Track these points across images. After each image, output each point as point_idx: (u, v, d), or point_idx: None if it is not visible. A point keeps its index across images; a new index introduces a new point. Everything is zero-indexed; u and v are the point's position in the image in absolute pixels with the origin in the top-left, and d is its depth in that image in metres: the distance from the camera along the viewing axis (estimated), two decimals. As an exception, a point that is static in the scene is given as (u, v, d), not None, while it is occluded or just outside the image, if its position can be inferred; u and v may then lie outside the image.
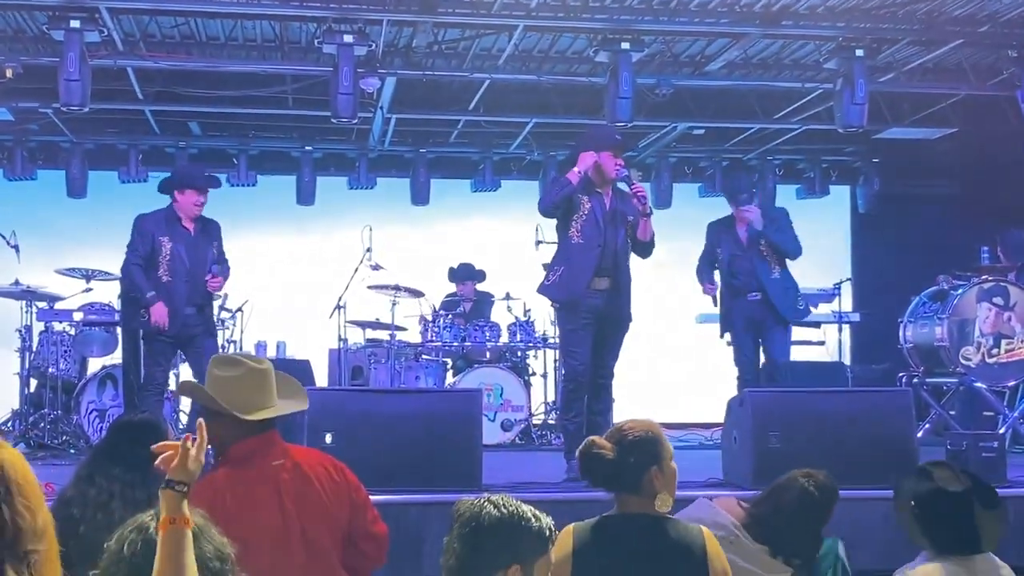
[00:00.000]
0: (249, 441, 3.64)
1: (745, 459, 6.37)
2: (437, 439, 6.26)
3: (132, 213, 12.20)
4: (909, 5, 8.84)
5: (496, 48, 9.90)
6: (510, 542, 2.81)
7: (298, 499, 3.58)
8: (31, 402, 9.31)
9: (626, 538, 3.26)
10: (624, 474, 3.44)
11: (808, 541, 3.88)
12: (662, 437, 3.55)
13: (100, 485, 3.93)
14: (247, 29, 9.79)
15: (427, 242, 12.33)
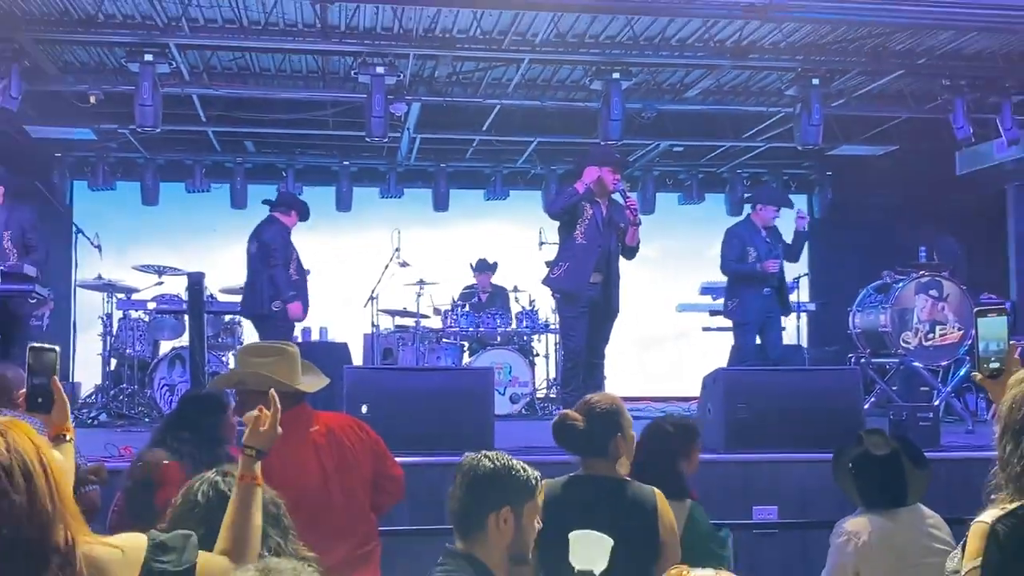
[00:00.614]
0: (288, 413, 3.68)
1: (718, 427, 6.39)
2: (455, 410, 6.31)
3: (197, 218, 12.36)
4: (858, 40, 8.85)
5: (505, 78, 9.92)
6: (501, 488, 2.85)
7: (333, 456, 3.64)
8: (111, 378, 9.36)
9: (591, 495, 3.27)
10: (591, 441, 3.47)
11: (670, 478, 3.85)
12: (624, 410, 3.58)
13: (171, 447, 3.97)
14: (294, 62, 9.83)
15: (446, 243, 12.34)
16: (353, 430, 3.79)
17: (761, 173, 12.91)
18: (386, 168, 12.52)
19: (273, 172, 12.46)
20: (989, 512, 2.30)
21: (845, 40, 8.84)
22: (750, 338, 8.16)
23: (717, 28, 8.62)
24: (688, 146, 12.00)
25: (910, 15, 7.77)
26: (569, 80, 10.12)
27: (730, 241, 8.27)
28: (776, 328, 8.17)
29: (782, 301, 8.20)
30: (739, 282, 8.19)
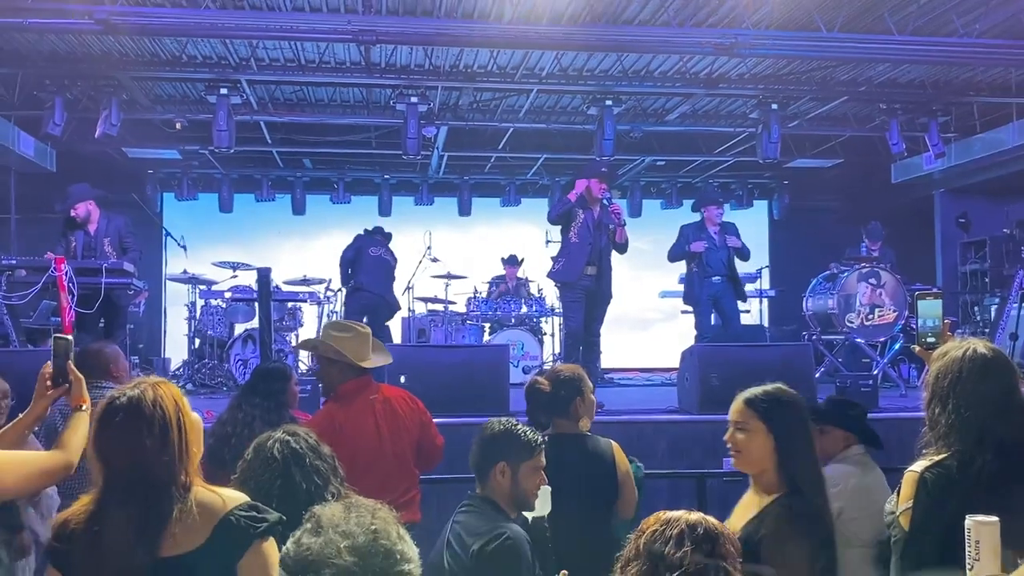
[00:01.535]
0: (354, 382, 3.70)
1: (694, 393, 6.39)
2: (477, 379, 6.33)
3: (264, 223, 12.39)
4: (808, 72, 8.82)
5: (517, 105, 9.91)
6: (503, 446, 2.88)
7: (387, 421, 3.65)
8: (196, 354, 9.41)
9: (559, 450, 3.27)
10: (556, 403, 3.48)
11: None
12: (585, 377, 3.60)
13: (245, 411, 4.00)
14: (343, 93, 9.85)
15: (469, 242, 12.34)
16: (406, 402, 3.79)
17: (729, 182, 12.86)
18: (419, 180, 12.53)
19: (326, 184, 12.48)
20: (919, 463, 2.29)
21: (798, 72, 8.82)
22: (705, 319, 8.12)
23: (692, 63, 8.60)
24: (669, 160, 11.96)
25: (851, 51, 7.71)
26: (570, 107, 10.11)
27: (679, 236, 8.26)
28: (732, 310, 8.13)
29: (737, 289, 8.14)
30: (691, 272, 8.16)
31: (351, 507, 1.45)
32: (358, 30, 7.12)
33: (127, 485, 1.97)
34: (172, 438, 2.00)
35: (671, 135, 11.05)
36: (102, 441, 2.01)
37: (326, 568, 1.32)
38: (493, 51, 8.20)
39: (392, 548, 1.38)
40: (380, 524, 1.41)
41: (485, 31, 7.29)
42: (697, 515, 1.74)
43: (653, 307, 12.07)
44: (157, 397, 2.02)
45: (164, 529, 1.93)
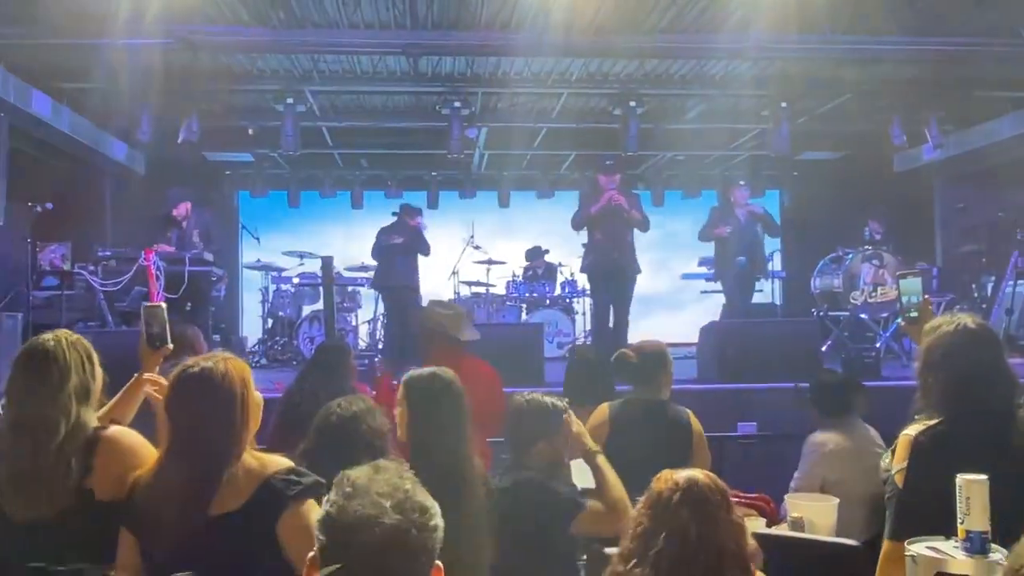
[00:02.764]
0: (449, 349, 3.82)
1: (712, 364, 6.36)
2: (516, 354, 6.35)
3: (327, 216, 12.50)
4: (815, 72, 8.64)
5: (550, 107, 9.86)
6: (543, 423, 2.86)
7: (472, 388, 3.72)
8: (268, 333, 9.56)
9: (642, 413, 3.29)
10: (643, 372, 3.49)
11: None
12: (667, 352, 3.64)
13: (310, 382, 4.07)
14: (394, 100, 9.87)
15: (509, 231, 12.35)
16: (485, 372, 3.88)
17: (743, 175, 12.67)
18: (463, 176, 12.53)
19: (381, 181, 12.53)
20: (913, 427, 2.29)
21: (806, 73, 8.64)
22: (734, 295, 8.08)
23: (708, 66, 8.48)
24: (688, 155, 11.82)
25: (855, 52, 7.56)
26: (597, 107, 10.03)
27: (708, 217, 8.19)
28: (749, 289, 8.08)
29: (761, 269, 8.09)
30: (719, 253, 8.11)
31: (379, 469, 1.43)
32: (407, 44, 7.15)
33: (189, 447, 1.98)
34: (235, 409, 2.01)
35: (690, 131, 10.90)
36: (173, 403, 2.03)
37: (376, 527, 1.30)
38: (528, 59, 8.17)
39: (424, 504, 1.37)
40: (409, 483, 1.40)
41: (521, 42, 7.26)
42: (694, 471, 1.78)
43: (676, 288, 11.97)
44: (227, 371, 2.03)
45: (214, 489, 1.94)
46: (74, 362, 2.16)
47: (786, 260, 11.55)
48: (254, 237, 9.89)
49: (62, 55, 7.25)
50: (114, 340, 5.65)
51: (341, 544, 1.32)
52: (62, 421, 2.08)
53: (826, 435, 3.54)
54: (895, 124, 9.08)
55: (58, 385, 2.12)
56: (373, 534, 1.30)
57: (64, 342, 2.19)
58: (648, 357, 3.53)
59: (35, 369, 2.14)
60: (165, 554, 1.93)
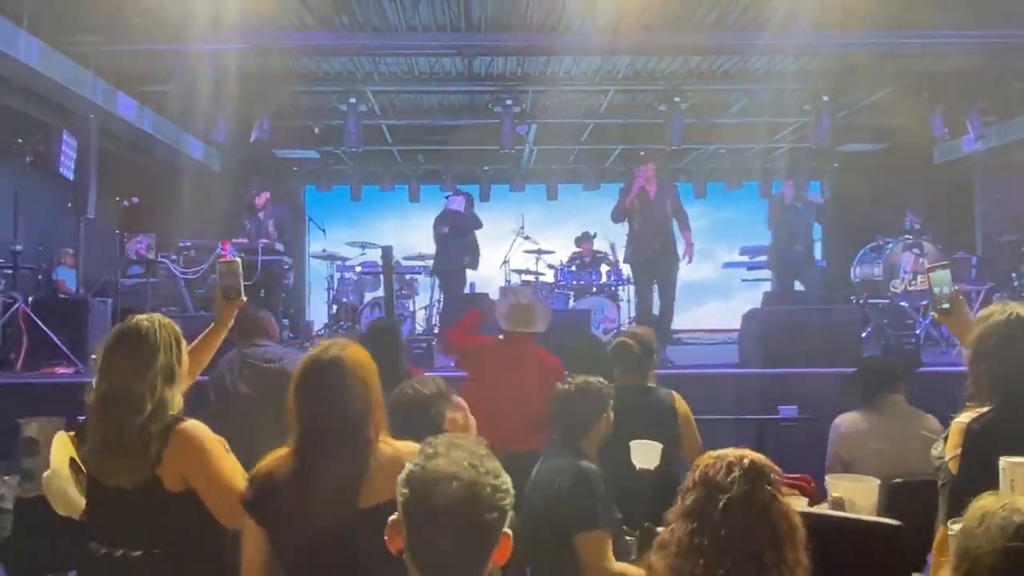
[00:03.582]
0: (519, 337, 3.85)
1: (755, 349, 6.24)
2: (564, 339, 6.28)
3: (387, 209, 12.62)
4: (857, 67, 8.38)
5: (597, 103, 9.79)
6: (604, 403, 2.81)
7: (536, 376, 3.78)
8: (333, 318, 9.67)
9: (630, 398, 3.25)
10: (635, 360, 3.45)
11: None
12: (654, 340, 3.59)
13: None
14: (449, 98, 9.91)
15: (557, 221, 12.31)
16: (553, 366, 3.91)
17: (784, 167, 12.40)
18: (513, 170, 12.53)
19: (436, 175, 12.61)
20: (966, 414, 2.23)
21: (847, 67, 8.40)
22: (788, 283, 7.95)
23: (752, 61, 8.31)
24: (730, 148, 11.61)
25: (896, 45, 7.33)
26: (642, 103, 9.92)
27: (769, 206, 8.04)
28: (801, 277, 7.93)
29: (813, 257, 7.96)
30: (777, 241, 7.98)
31: (456, 438, 1.48)
32: (462, 45, 7.17)
33: (328, 439, 1.86)
34: (370, 395, 1.92)
35: (733, 125, 10.70)
36: (306, 394, 1.90)
37: (454, 481, 1.35)
38: (576, 57, 8.11)
39: (498, 469, 1.42)
40: (484, 451, 1.44)
41: (570, 42, 7.21)
42: (743, 450, 1.72)
43: (719, 276, 11.79)
44: (357, 357, 1.95)
45: (363, 481, 1.83)
46: (163, 343, 2.14)
47: (826, 249, 11.28)
48: (320, 229, 10.02)
49: (145, 60, 7.43)
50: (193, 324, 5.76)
51: (421, 497, 1.36)
52: (148, 398, 2.07)
53: (844, 416, 3.45)
54: (936, 116, 8.77)
55: (147, 363, 2.10)
56: (450, 488, 1.34)
57: (156, 324, 2.18)
58: (644, 345, 3.48)
59: (127, 346, 2.13)
60: (307, 551, 1.83)
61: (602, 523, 2.46)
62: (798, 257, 7.77)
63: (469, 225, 8.83)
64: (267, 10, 6.53)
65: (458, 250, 8.69)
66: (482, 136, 10.68)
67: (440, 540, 1.34)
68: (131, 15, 6.51)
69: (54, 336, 6.01)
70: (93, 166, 7.09)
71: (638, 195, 6.83)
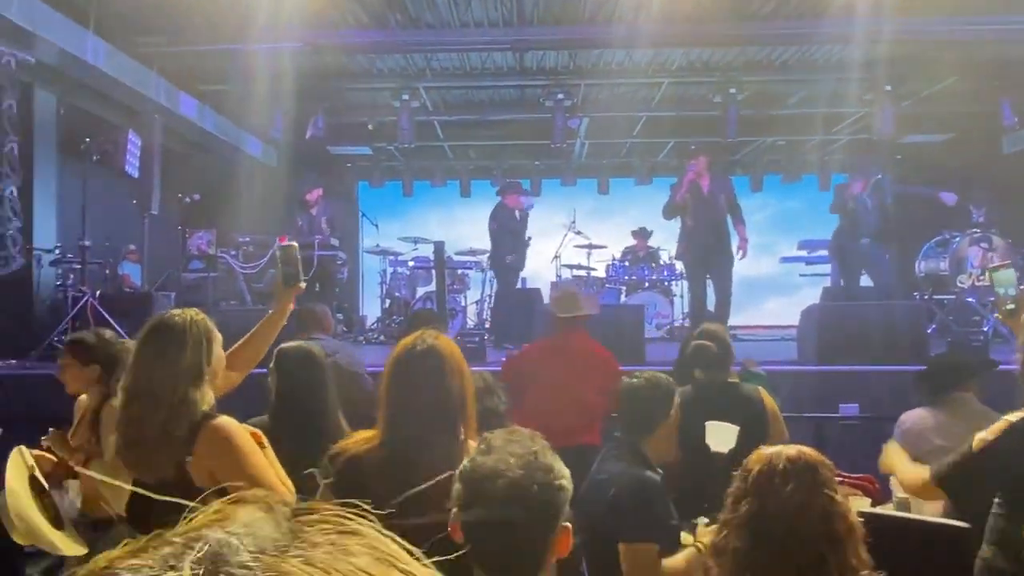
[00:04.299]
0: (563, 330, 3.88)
1: (813, 346, 6.11)
2: (617, 333, 6.26)
3: (438, 204, 12.71)
4: (921, 55, 8.12)
5: (651, 96, 9.68)
6: (670, 402, 2.76)
7: (586, 366, 3.77)
8: (386, 312, 9.80)
9: (716, 394, 3.22)
10: (716, 358, 3.41)
11: None
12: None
13: None
14: (500, 93, 9.93)
15: (608, 216, 12.23)
16: (597, 353, 3.91)
17: (844, 159, 12.08)
18: (565, 165, 12.47)
19: (487, 171, 12.63)
20: (1016, 413, 2.21)
21: (911, 56, 8.13)
22: (852, 278, 7.72)
23: (812, 51, 8.12)
24: (788, 140, 11.36)
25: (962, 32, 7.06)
26: (696, 95, 9.77)
27: (834, 193, 7.79)
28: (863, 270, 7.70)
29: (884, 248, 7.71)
30: (842, 233, 7.74)
31: (514, 433, 1.48)
32: (514, 40, 7.16)
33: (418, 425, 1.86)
34: (465, 386, 1.91)
35: (789, 117, 10.47)
36: (401, 380, 1.90)
37: (500, 479, 1.36)
38: (628, 50, 8.03)
39: (551, 465, 1.42)
40: (539, 447, 1.44)
41: (624, 34, 7.14)
42: (795, 449, 1.67)
43: (777, 271, 11.57)
44: (451, 348, 1.93)
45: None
46: (192, 340, 2.07)
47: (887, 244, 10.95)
48: (373, 224, 10.16)
49: (205, 60, 7.64)
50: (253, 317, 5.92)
51: (472, 493, 1.39)
52: (169, 395, 2.01)
53: (911, 413, 3.35)
54: (1004, 105, 8.43)
55: (173, 360, 2.04)
56: (497, 485, 1.36)
57: (187, 320, 2.11)
58: (721, 342, 3.46)
59: (154, 342, 2.08)
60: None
61: (655, 537, 2.41)
62: (864, 251, 7.55)
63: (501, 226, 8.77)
64: (322, 9, 6.64)
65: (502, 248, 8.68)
66: (533, 131, 10.67)
67: (490, 536, 1.37)
68: (192, 16, 6.69)
69: (120, 329, 6.22)
70: (157, 164, 7.31)
71: (690, 189, 6.72)
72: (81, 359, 3.04)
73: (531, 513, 1.36)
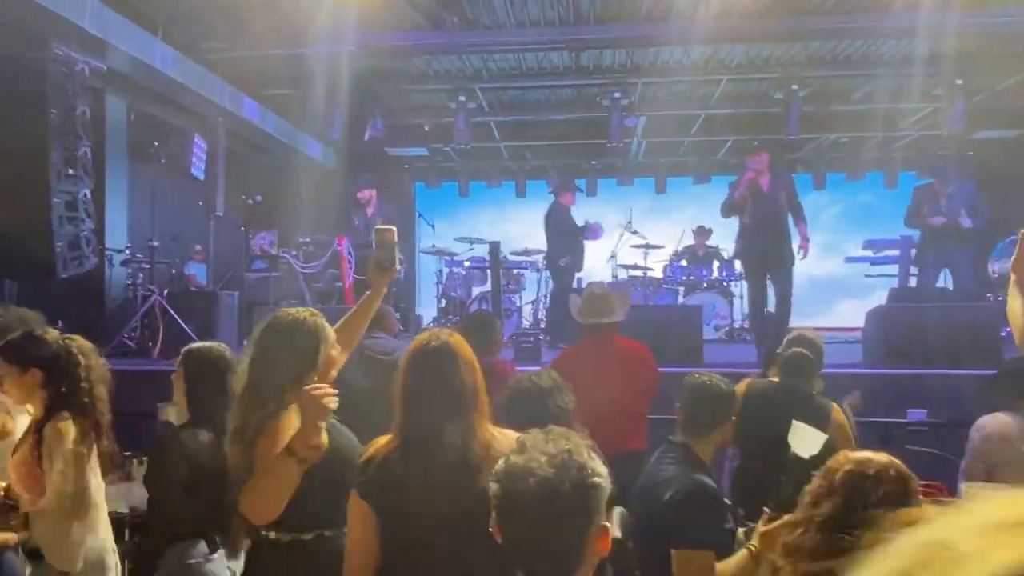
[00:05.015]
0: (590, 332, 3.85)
1: (879, 349, 5.92)
2: (675, 334, 6.20)
3: (494, 205, 12.73)
4: (993, 48, 7.79)
5: (709, 93, 9.53)
6: (731, 407, 2.73)
7: (621, 365, 3.73)
8: (442, 312, 9.86)
9: (786, 398, 3.16)
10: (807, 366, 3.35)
11: None
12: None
13: None
14: (556, 93, 9.90)
15: (665, 215, 12.09)
16: (636, 352, 3.87)
17: (911, 156, 11.68)
18: (621, 164, 12.40)
19: (543, 171, 12.62)
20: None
21: (984, 48, 7.82)
22: (930, 280, 7.42)
23: (878, 45, 7.87)
24: (852, 136, 11.04)
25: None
26: (757, 92, 9.58)
27: (912, 199, 7.46)
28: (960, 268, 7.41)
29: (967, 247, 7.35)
30: (924, 236, 7.45)
31: (549, 432, 1.48)
32: (571, 39, 7.14)
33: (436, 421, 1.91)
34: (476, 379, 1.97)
35: (854, 112, 10.18)
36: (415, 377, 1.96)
37: (531, 478, 1.37)
38: (687, 47, 7.92)
39: (585, 463, 1.41)
40: (573, 446, 1.43)
41: (683, 31, 7.05)
42: (886, 456, 1.64)
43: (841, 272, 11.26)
44: (462, 343, 2.00)
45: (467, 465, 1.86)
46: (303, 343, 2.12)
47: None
48: (429, 224, 10.25)
49: (266, 65, 7.82)
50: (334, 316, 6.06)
51: (505, 493, 1.39)
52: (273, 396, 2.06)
53: (991, 417, 3.21)
54: (1087, 97, 8.04)
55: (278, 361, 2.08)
56: (528, 484, 1.37)
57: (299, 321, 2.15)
58: (817, 352, 3.40)
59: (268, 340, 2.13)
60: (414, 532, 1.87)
61: (711, 543, 2.37)
62: (944, 248, 7.26)
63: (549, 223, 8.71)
64: (380, 13, 6.74)
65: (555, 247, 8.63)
66: (589, 130, 10.62)
67: (524, 536, 1.38)
68: (254, 22, 6.86)
69: (187, 327, 6.42)
70: (221, 167, 7.52)
71: (749, 187, 6.56)
72: (18, 364, 2.73)
73: (564, 512, 1.36)
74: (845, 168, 12.11)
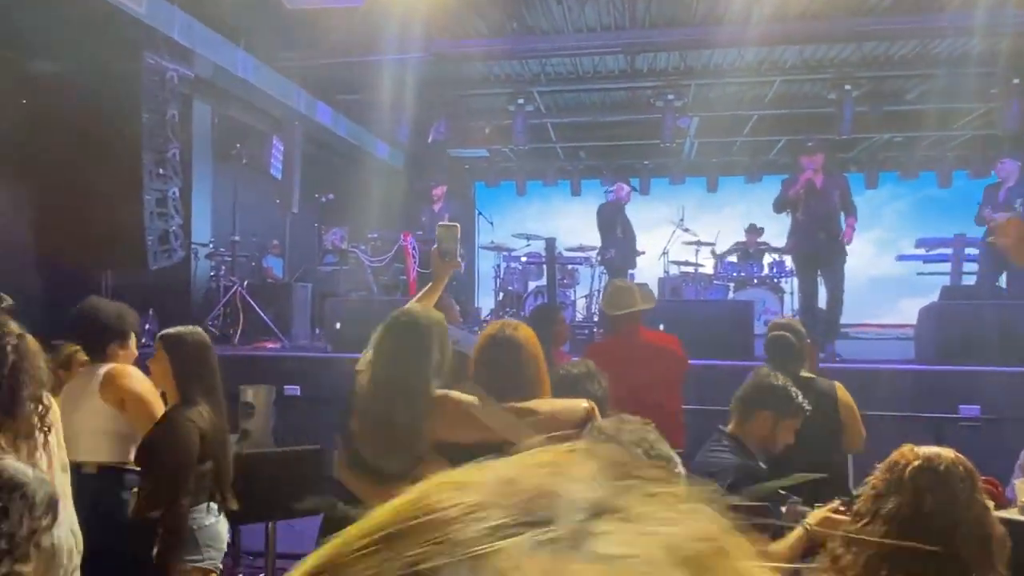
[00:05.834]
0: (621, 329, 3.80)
1: (932, 346, 5.71)
2: (726, 329, 6.10)
3: (550, 203, 12.71)
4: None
5: (762, 94, 9.32)
6: (776, 398, 2.74)
7: (650, 358, 3.67)
8: (500, 305, 9.90)
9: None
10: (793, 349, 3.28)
11: None
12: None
13: None
14: (612, 95, 9.82)
15: (716, 213, 11.86)
16: (664, 344, 3.80)
17: (966, 155, 11.20)
18: (674, 164, 12.20)
19: (597, 170, 12.53)
20: None
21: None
22: (989, 280, 7.07)
23: (932, 45, 7.57)
24: (905, 136, 10.65)
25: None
26: (810, 92, 9.32)
27: (984, 197, 7.11)
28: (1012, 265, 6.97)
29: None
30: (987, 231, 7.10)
31: (624, 420, 1.46)
32: (626, 43, 7.07)
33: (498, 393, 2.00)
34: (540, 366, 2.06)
35: (907, 112, 9.81)
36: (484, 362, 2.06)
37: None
38: (740, 49, 7.76)
39: (667, 453, 1.39)
40: (653, 435, 1.40)
41: (737, 33, 6.90)
42: (952, 452, 1.58)
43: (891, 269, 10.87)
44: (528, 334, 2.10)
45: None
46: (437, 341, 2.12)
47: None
48: (488, 222, 10.29)
49: (339, 72, 7.96)
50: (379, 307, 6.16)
51: None
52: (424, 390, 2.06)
53: None
54: None
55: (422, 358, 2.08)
56: None
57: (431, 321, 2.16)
58: (798, 335, 3.32)
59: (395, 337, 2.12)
60: None
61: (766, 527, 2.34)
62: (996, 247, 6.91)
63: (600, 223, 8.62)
64: (445, 21, 6.79)
65: (607, 243, 8.58)
66: (643, 131, 10.50)
67: None
68: (329, 32, 6.99)
69: (265, 316, 6.61)
70: (297, 167, 7.69)
71: (804, 186, 6.39)
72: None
73: None
74: (898, 167, 11.70)
